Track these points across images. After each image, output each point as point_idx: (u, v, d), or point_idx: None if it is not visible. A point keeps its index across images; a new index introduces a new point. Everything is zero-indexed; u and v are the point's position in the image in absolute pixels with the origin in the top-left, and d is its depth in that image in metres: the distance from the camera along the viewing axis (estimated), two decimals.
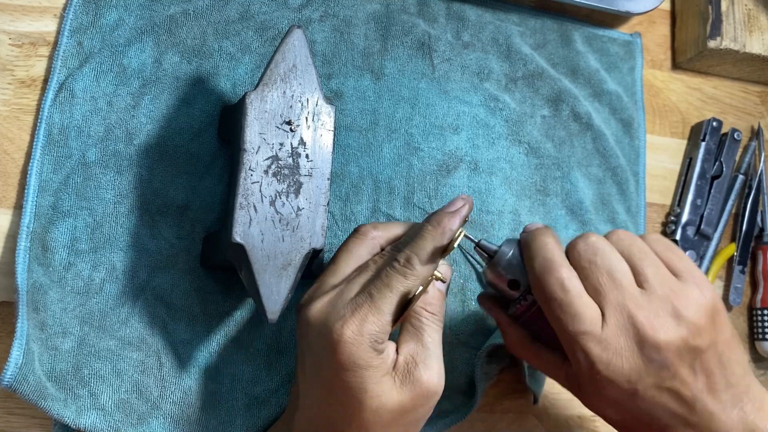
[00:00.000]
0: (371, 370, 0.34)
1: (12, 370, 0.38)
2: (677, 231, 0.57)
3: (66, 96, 0.44)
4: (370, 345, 0.34)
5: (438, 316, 0.38)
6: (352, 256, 0.39)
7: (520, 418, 0.50)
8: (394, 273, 0.36)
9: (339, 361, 0.34)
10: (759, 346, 0.57)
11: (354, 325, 0.34)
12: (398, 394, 0.35)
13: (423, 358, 0.36)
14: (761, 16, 0.60)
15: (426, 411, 0.37)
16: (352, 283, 0.37)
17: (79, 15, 0.46)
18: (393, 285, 0.36)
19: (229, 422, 0.43)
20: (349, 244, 0.40)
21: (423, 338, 0.37)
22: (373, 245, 0.40)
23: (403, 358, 0.36)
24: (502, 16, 0.56)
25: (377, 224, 0.40)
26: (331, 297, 0.36)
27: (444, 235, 0.37)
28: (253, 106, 0.38)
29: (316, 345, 0.36)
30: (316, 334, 0.36)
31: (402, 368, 0.36)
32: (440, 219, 0.38)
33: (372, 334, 0.34)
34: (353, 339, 0.34)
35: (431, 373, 0.36)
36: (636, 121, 0.58)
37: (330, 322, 0.35)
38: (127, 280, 0.43)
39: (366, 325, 0.34)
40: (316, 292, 0.38)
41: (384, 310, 0.35)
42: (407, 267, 0.36)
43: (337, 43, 0.51)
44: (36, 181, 0.43)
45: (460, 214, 0.38)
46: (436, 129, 0.52)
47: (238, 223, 0.37)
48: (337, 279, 0.38)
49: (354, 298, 0.36)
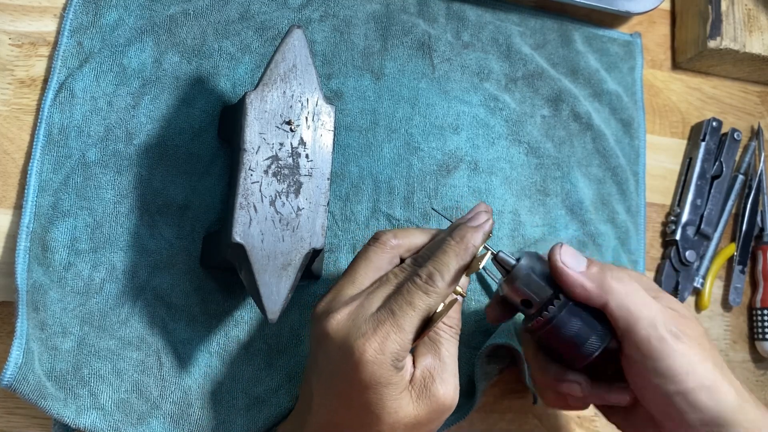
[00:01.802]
0: (391, 387, 0.34)
1: (12, 370, 0.38)
2: (677, 231, 0.57)
3: (66, 96, 0.44)
4: (391, 363, 0.34)
5: (455, 329, 0.38)
6: (372, 266, 0.38)
7: (520, 418, 0.50)
8: (417, 290, 0.35)
9: (360, 379, 0.34)
10: (759, 346, 0.57)
11: (376, 344, 0.34)
12: (414, 408, 0.35)
13: (440, 372, 0.36)
14: (761, 16, 0.60)
15: (439, 424, 0.37)
16: (373, 295, 0.36)
17: (79, 15, 0.46)
18: (415, 303, 0.35)
19: (229, 422, 0.43)
20: (369, 253, 0.38)
21: (440, 352, 0.37)
22: (392, 255, 0.39)
23: (420, 373, 0.36)
24: (502, 16, 0.56)
25: (397, 232, 0.39)
26: (351, 309, 0.36)
27: (467, 251, 0.37)
28: (253, 106, 0.38)
29: (336, 359, 0.35)
30: (336, 348, 0.35)
31: (419, 383, 0.36)
32: (463, 234, 0.37)
33: (394, 352, 0.34)
34: (375, 358, 0.34)
35: (447, 388, 0.36)
36: (636, 121, 0.58)
37: (351, 338, 0.34)
38: (127, 280, 0.43)
39: (388, 343, 0.34)
40: (334, 301, 0.37)
41: (406, 328, 0.34)
42: (429, 284, 0.35)
43: (337, 43, 0.51)
44: (36, 181, 0.43)
45: (483, 228, 0.38)
46: (436, 129, 0.52)
47: (238, 223, 0.37)
48: (356, 289, 0.37)
49: (375, 313, 0.35)
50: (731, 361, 0.57)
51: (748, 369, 0.58)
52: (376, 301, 0.36)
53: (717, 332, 0.58)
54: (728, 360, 0.57)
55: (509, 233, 0.52)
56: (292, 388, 0.45)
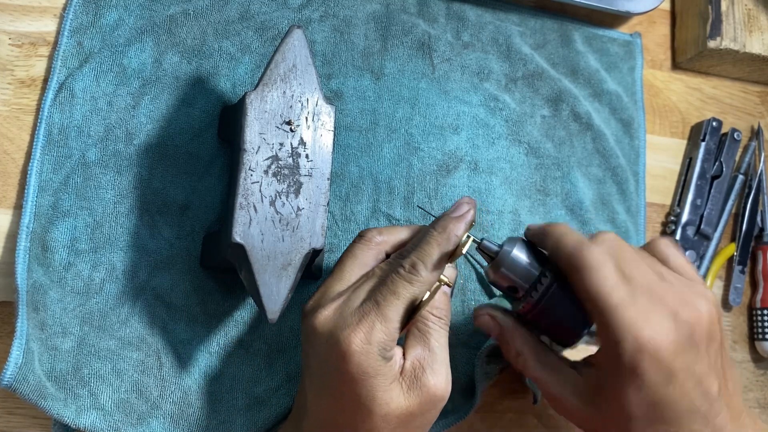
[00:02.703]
0: (380, 378, 0.34)
1: (12, 370, 0.38)
2: (677, 231, 0.57)
3: (66, 96, 0.44)
4: (378, 353, 0.34)
5: (444, 320, 0.38)
6: (357, 263, 0.39)
7: (520, 418, 0.50)
8: (400, 279, 0.36)
9: (348, 371, 0.34)
10: (759, 346, 0.57)
11: (362, 334, 0.34)
12: (406, 400, 0.35)
13: (430, 362, 0.36)
14: (761, 16, 0.60)
15: (433, 415, 0.37)
16: (358, 290, 0.37)
17: (79, 15, 0.46)
18: (399, 292, 0.35)
19: (229, 422, 0.43)
20: (355, 250, 0.39)
21: (430, 342, 0.37)
22: (378, 251, 0.39)
23: (410, 364, 0.36)
24: (502, 16, 0.56)
25: (382, 229, 0.40)
26: (337, 305, 0.36)
27: (449, 240, 0.37)
28: (253, 106, 0.38)
29: (324, 354, 0.35)
30: (324, 343, 0.35)
31: (409, 374, 0.36)
32: (445, 224, 0.38)
33: (380, 342, 0.34)
34: (361, 348, 0.34)
35: (438, 378, 0.36)
36: (636, 121, 0.58)
37: (337, 331, 0.35)
38: (127, 280, 0.43)
39: (374, 333, 0.34)
40: (322, 299, 0.37)
41: (391, 317, 0.35)
42: (413, 273, 0.36)
43: (337, 43, 0.51)
44: (36, 181, 0.43)
45: (465, 219, 0.38)
46: (436, 129, 0.52)
47: (238, 223, 0.37)
48: (343, 286, 0.38)
49: (360, 305, 0.35)
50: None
51: (748, 369, 0.58)
52: (361, 294, 0.36)
53: None
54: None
55: (509, 233, 0.52)
56: (292, 388, 0.45)
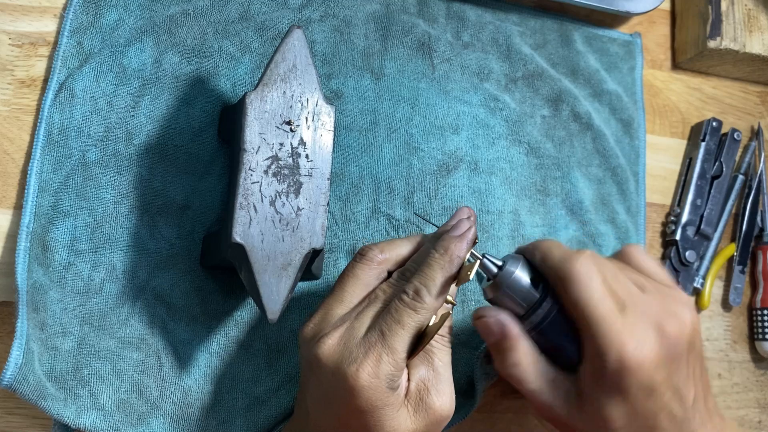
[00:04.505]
0: (388, 408, 0.34)
1: (12, 370, 0.38)
2: (677, 231, 0.57)
3: (66, 96, 0.44)
4: (387, 386, 0.34)
5: (447, 338, 0.37)
6: (360, 283, 0.38)
7: (520, 418, 0.50)
8: (404, 308, 0.35)
9: (356, 405, 0.34)
10: (759, 346, 0.57)
11: (369, 368, 0.33)
12: (413, 423, 0.35)
13: (435, 383, 0.36)
14: (761, 16, 0.60)
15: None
16: (362, 315, 0.36)
17: (79, 15, 0.46)
18: (404, 321, 0.34)
19: (229, 422, 0.43)
20: (356, 270, 0.38)
21: (433, 362, 0.36)
22: (380, 270, 0.38)
23: (414, 385, 0.36)
24: (502, 16, 0.56)
25: (383, 246, 0.39)
26: (341, 333, 0.35)
27: (452, 263, 0.36)
28: (253, 106, 0.38)
29: (328, 386, 0.35)
30: (329, 375, 0.34)
31: (414, 396, 0.35)
32: (447, 245, 0.37)
33: (388, 375, 0.34)
34: (369, 383, 0.33)
35: (443, 399, 0.36)
36: (636, 121, 0.58)
37: (344, 366, 0.34)
38: (127, 280, 0.43)
39: (381, 366, 0.33)
40: (323, 323, 0.36)
41: (397, 348, 0.34)
42: (417, 300, 0.35)
43: (337, 43, 0.51)
44: (36, 181, 0.43)
45: (466, 238, 0.37)
46: (436, 129, 0.52)
47: (238, 223, 0.37)
48: (345, 308, 0.37)
49: (365, 336, 0.35)
50: (731, 361, 0.57)
51: (748, 369, 0.58)
52: (365, 321, 0.35)
53: (717, 332, 0.58)
54: (728, 360, 0.57)
55: (509, 233, 0.52)
56: (292, 388, 0.45)
